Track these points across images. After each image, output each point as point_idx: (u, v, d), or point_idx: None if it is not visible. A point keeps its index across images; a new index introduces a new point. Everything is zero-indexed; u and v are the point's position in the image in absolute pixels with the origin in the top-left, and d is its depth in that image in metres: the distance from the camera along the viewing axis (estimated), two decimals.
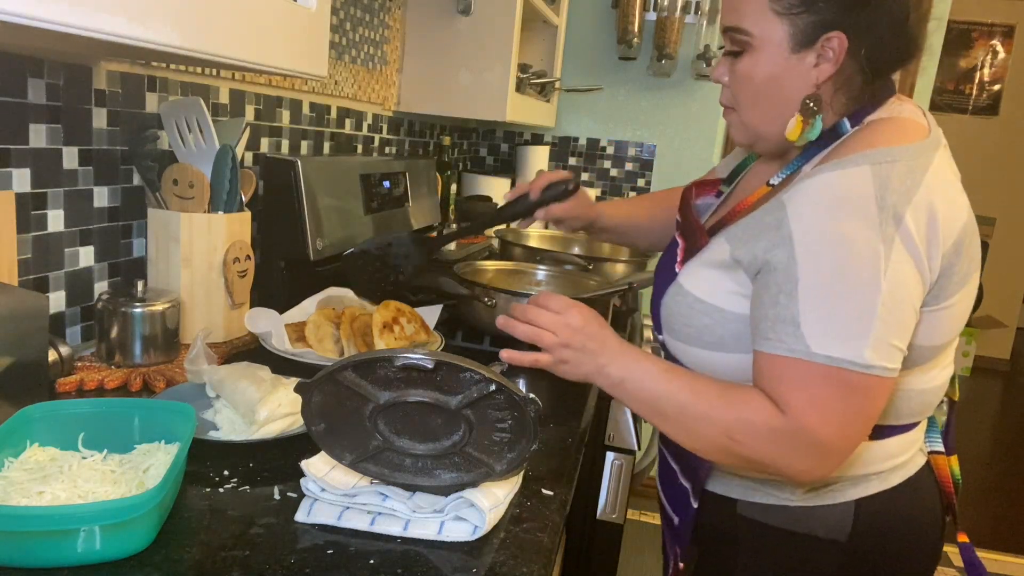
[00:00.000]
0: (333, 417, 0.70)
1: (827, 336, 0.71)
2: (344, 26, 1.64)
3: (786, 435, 0.72)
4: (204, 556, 0.61)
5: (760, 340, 0.75)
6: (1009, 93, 5.11)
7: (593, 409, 1.10)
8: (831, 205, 0.72)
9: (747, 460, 0.76)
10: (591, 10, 2.63)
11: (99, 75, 1.01)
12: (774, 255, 0.74)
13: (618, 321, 1.50)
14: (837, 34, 0.77)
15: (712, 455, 0.80)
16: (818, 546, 0.85)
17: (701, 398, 0.77)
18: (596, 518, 1.28)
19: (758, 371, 0.76)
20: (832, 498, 0.84)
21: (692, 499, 0.91)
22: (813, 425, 0.71)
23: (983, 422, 4.30)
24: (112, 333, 0.99)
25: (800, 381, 0.72)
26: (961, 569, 2.58)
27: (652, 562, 2.46)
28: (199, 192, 1.07)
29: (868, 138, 0.77)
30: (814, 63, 0.79)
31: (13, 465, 0.66)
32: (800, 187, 0.75)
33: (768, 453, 0.74)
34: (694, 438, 0.78)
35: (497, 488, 0.72)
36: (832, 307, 0.71)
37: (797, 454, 0.73)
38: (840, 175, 0.73)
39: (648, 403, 0.80)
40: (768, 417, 0.73)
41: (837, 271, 0.71)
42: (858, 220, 0.71)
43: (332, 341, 1.11)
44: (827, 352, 0.70)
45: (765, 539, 0.88)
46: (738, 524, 0.89)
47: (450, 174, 2.19)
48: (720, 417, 0.75)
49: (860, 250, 0.70)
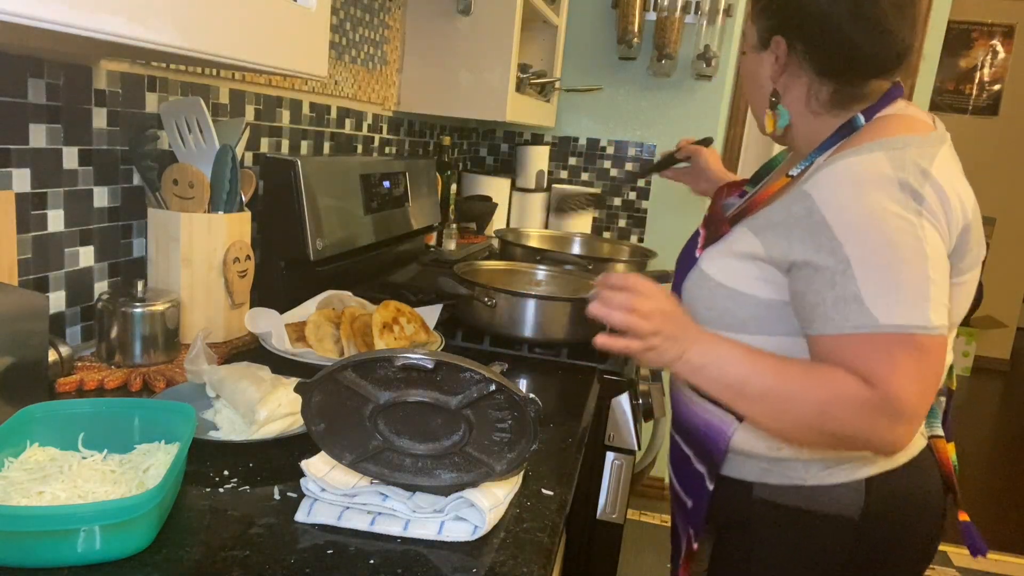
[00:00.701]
0: (333, 417, 0.70)
1: (893, 306, 0.75)
2: (344, 26, 1.64)
3: (877, 406, 0.75)
4: (204, 556, 0.61)
5: (821, 323, 0.79)
6: (1009, 93, 5.11)
7: (593, 409, 1.10)
8: (854, 185, 0.78)
9: (837, 436, 0.79)
10: (591, 10, 2.63)
11: (99, 75, 1.01)
12: (813, 243, 0.79)
13: None
14: (777, 37, 0.90)
15: (797, 434, 0.83)
16: (832, 524, 0.88)
17: (787, 378, 0.80)
18: (596, 518, 1.28)
19: (827, 353, 0.79)
20: (844, 476, 0.88)
21: (708, 482, 0.94)
22: (899, 392, 0.75)
23: (983, 422, 4.30)
24: (112, 333, 0.99)
25: (878, 353, 0.75)
26: (961, 569, 2.58)
27: (652, 562, 2.47)
28: (199, 192, 1.07)
29: (878, 129, 0.83)
30: (773, 60, 0.91)
31: (13, 465, 0.66)
32: (820, 175, 0.81)
33: (861, 426, 0.77)
34: (781, 418, 0.81)
35: (497, 488, 0.72)
36: (891, 278, 0.75)
37: (888, 423, 0.76)
38: (857, 160, 0.79)
39: (730, 387, 0.82)
40: (857, 391, 0.76)
41: (885, 244, 0.76)
42: (883, 196, 0.77)
43: (332, 341, 1.11)
44: (895, 321, 0.75)
45: (781, 520, 0.91)
46: (754, 506, 0.92)
47: (450, 174, 2.19)
48: (811, 396, 0.78)
49: (895, 222, 0.76)
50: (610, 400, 1.23)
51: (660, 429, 1.46)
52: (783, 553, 0.91)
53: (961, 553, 2.70)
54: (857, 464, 0.88)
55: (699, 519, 0.96)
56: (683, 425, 0.99)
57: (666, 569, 2.43)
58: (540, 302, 1.28)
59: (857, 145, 0.81)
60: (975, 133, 5.13)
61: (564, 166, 2.79)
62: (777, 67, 0.91)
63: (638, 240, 2.76)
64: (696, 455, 0.97)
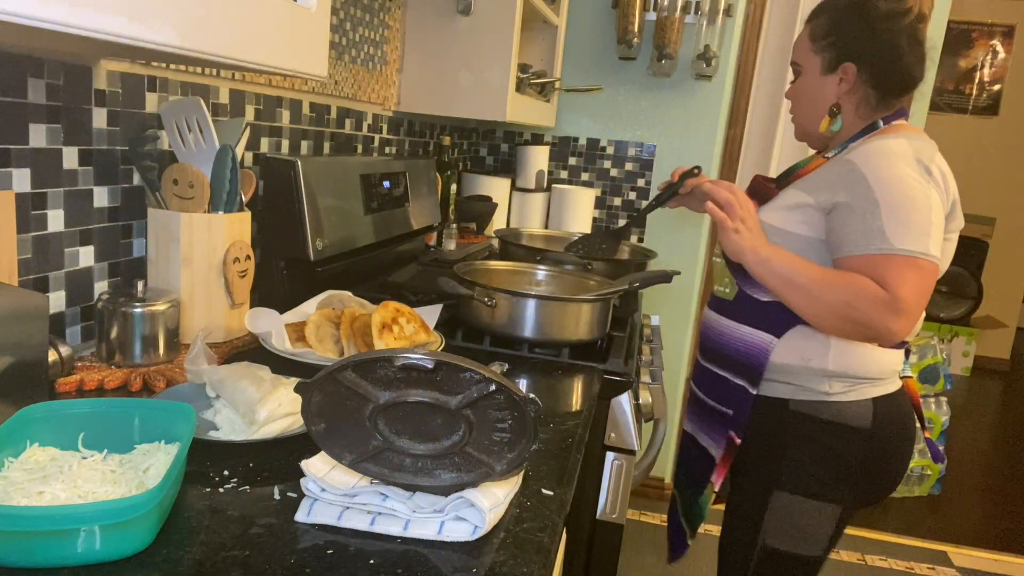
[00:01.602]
0: (333, 417, 0.70)
1: (905, 237, 1.06)
2: (344, 26, 1.64)
3: (888, 303, 1.06)
4: (204, 556, 0.61)
5: (852, 247, 1.10)
6: (1009, 93, 5.11)
7: (593, 409, 1.10)
8: (888, 157, 1.11)
9: (855, 322, 1.09)
10: (591, 10, 2.63)
11: (99, 75, 1.01)
12: (852, 191, 1.10)
13: (618, 321, 1.50)
14: (849, 64, 1.20)
15: (825, 317, 1.12)
16: (850, 433, 1.19)
17: (828, 275, 1.11)
18: (596, 518, 1.28)
19: (853, 267, 1.09)
20: (857, 395, 1.19)
21: (751, 389, 1.22)
22: (903, 295, 1.05)
23: (983, 422, 4.30)
24: (112, 333, 0.99)
25: (891, 267, 1.06)
26: (961, 569, 2.58)
27: (652, 562, 2.47)
28: (199, 192, 1.07)
29: (893, 130, 1.19)
30: (838, 82, 1.22)
31: (13, 465, 0.66)
32: (860, 150, 1.14)
33: (874, 316, 1.07)
34: (818, 304, 1.11)
35: (497, 488, 0.72)
36: (905, 218, 1.07)
37: (893, 316, 1.06)
38: (888, 142, 1.14)
39: (785, 276, 1.12)
40: (875, 291, 1.06)
41: (903, 195, 1.08)
42: (907, 166, 1.10)
43: (332, 341, 1.11)
44: (906, 247, 1.06)
45: (811, 428, 1.20)
46: (789, 418, 1.21)
47: (450, 174, 2.19)
48: (841, 290, 1.08)
49: (913, 184, 1.08)
50: (610, 400, 1.24)
51: (660, 429, 1.46)
52: (812, 455, 1.20)
53: (961, 553, 2.70)
54: (866, 386, 1.19)
55: (742, 420, 1.24)
56: (720, 352, 1.28)
57: (666, 569, 2.43)
58: (540, 302, 1.28)
59: (882, 136, 1.17)
60: (975, 133, 5.13)
61: (564, 166, 2.79)
62: (843, 86, 1.21)
63: (638, 240, 2.76)
64: (735, 373, 1.25)
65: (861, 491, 1.22)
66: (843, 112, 1.23)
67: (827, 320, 1.12)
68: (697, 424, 1.37)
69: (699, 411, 1.36)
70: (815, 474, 1.20)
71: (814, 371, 1.18)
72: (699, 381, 1.36)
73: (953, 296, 5.12)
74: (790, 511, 1.22)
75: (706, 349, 1.33)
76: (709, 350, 1.31)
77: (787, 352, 1.19)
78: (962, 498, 3.21)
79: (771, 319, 1.20)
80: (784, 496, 1.22)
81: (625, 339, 1.42)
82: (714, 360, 1.30)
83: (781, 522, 1.23)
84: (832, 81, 1.22)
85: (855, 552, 2.63)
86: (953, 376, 4.13)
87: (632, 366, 1.32)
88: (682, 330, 2.80)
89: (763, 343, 1.20)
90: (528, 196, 2.60)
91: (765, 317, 1.21)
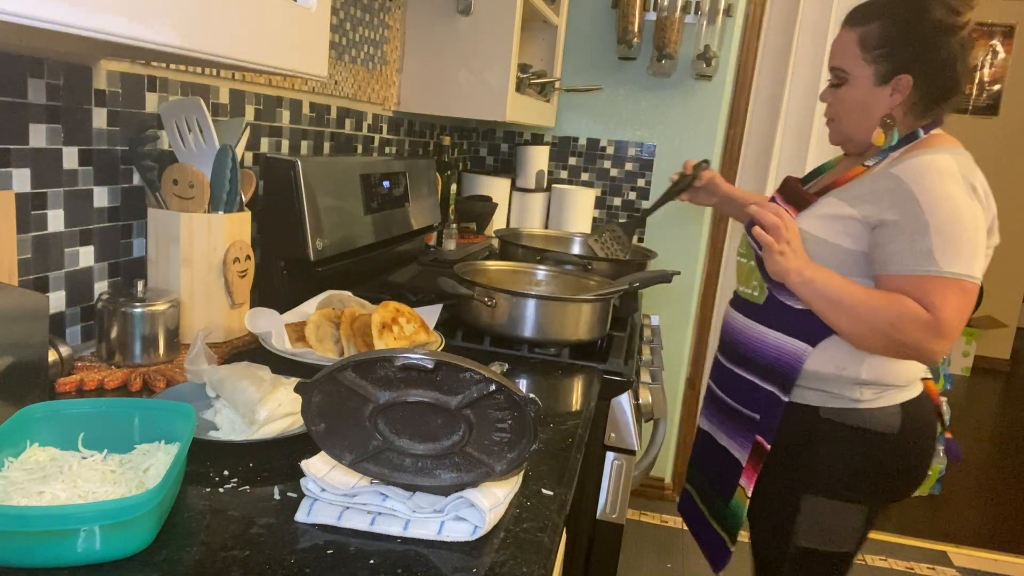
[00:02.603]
0: (333, 417, 0.70)
1: (953, 259, 1.07)
2: (344, 26, 1.64)
3: (932, 326, 1.08)
4: (204, 556, 0.61)
5: (899, 266, 1.10)
6: (1009, 93, 5.11)
7: (593, 409, 1.10)
8: (938, 175, 1.10)
9: (897, 343, 1.11)
10: (591, 10, 2.63)
11: (99, 75, 1.01)
12: (901, 209, 1.10)
13: (618, 321, 1.50)
14: (905, 76, 1.17)
15: (868, 338, 1.14)
16: (879, 438, 1.21)
17: (872, 296, 1.12)
18: (596, 518, 1.28)
19: (898, 286, 1.11)
20: (886, 401, 1.21)
21: (783, 396, 1.23)
22: (946, 318, 1.07)
23: (983, 422, 4.30)
24: (112, 333, 0.99)
25: (937, 290, 1.08)
26: (961, 569, 2.58)
27: (652, 562, 2.46)
28: (199, 192, 1.07)
29: (935, 142, 1.18)
30: (890, 93, 1.19)
31: (13, 465, 0.66)
32: (907, 165, 1.12)
33: (918, 337, 1.09)
34: (861, 324, 1.12)
35: (497, 488, 0.72)
36: (954, 240, 1.07)
37: (936, 339, 1.09)
38: (934, 157, 1.12)
39: (830, 297, 1.13)
40: (920, 313, 1.08)
41: (954, 217, 1.08)
42: (955, 185, 1.10)
43: (332, 341, 1.11)
44: (954, 270, 1.07)
45: (840, 434, 1.21)
46: (818, 424, 1.22)
47: (450, 174, 2.19)
48: (887, 312, 1.10)
49: (962, 204, 1.09)
50: (610, 400, 1.24)
51: (660, 429, 1.46)
52: (841, 459, 1.22)
53: (961, 553, 2.70)
54: (894, 392, 1.21)
55: (772, 426, 1.24)
56: (748, 356, 1.28)
57: (667, 569, 2.43)
58: (540, 302, 1.28)
59: (925, 148, 1.15)
60: (975, 133, 5.12)
61: (564, 166, 2.79)
62: (896, 98, 1.19)
63: (638, 240, 2.76)
64: (764, 378, 1.25)
65: (888, 490, 1.26)
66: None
67: (869, 340, 1.14)
68: (717, 425, 1.37)
69: (721, 412, 1.36)
70: (844, 477, 1.22)
71: (846, 379, 1.19)
72: (721, 382, 1.36)
73: None
74: (820, 513, 1.24)
75: (732, 351, 1.33)
76: (736, 353, 1.31)
77: (821, 361, 1.20)
78: (962, 498, 3.21)
79: (805, 327, 1.20)
80: (814, 499, 1.24)
81: (625, 339, 1.42)
82: (741, 363, 1.30)
83: (812, 523, 1.25)
84: (884, 92, 1.19)
85: None
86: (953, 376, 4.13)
87: (632, 366, 1.32)
88: (682, 330, 2.80)
89: (797, 351, 1.20)
90: (528, 196, 2.60)
91: (799, 325, 1.20)
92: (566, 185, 2.71)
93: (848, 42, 1.21)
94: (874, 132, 1.21)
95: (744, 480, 1.29)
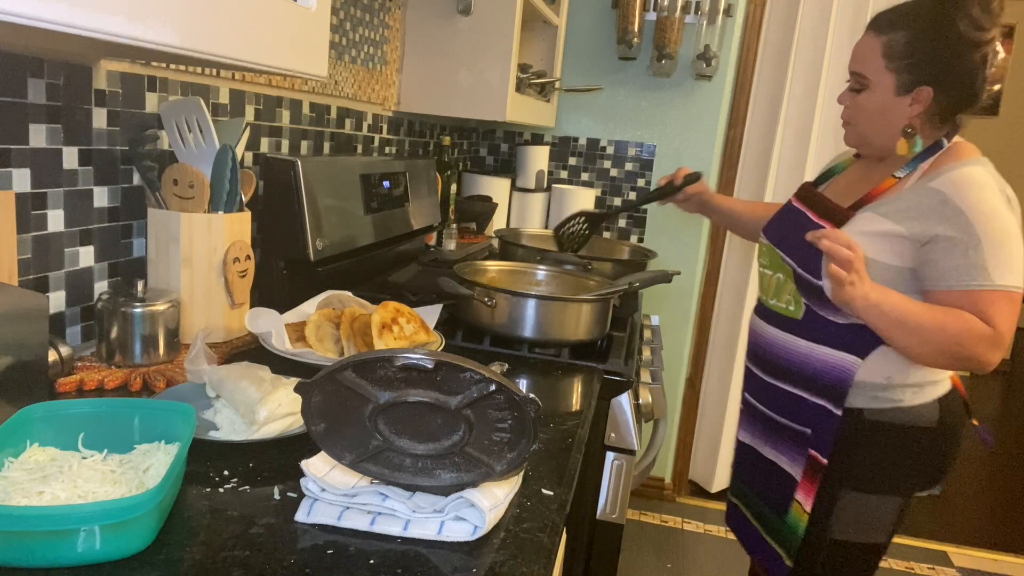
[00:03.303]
0: (333, 417, 0.70)
1: (1005, 272, 1.11)
2: (344, 26, 1.64)
3: (992, 339, 1.11)
4: (204, 556, 0.61)
5: (954, 281, 1.13)
6: (1009, 93, 5.12)
7: (593, 409, 1.10)
8: (980, 189, 1.13)
9: (959, 358, 1.13)
10: (591, 10, 2.63)
11: (99, 75, 1.01)
12: (952, 225, 1.12)
13: (618, 321, 1.50)
14: (927, 88, 1.18)
15: (932, 355, 1.15)
16: (919, 433, 1.24)
17: (936, 314, 1.13)
18: (596, 518, 1.28)
19: (954, 301, 1.13)
20: (923, 398, 1.24)
21: (834, 409, 1.24)
22: (1003, 329, 1.11)
23: (983, 422, 4.30)
24: (112, 333, 0.99)
25: (994, 303, 1.11)
26: (961, 569, 2.58)
27: (652, 562, 2.47)
28: (199, 192, 1.07)
29: (959, 152, 1.20)
30: (909, 103, 1.20)
31: (13, 465, 0.66)
32: (946, 179, 1.14)
33: (979, 351, 1.12)
34: (925, 343, 1.13)
35: (497, 488, 0.72)
36: (1005, 254, 1.11)
37: (995, 350, 1.12)
38: (968, 171, 1.15)
39: (895, 320, 1.13)
40: (982, 328, 1.11)
41: (1002, 231, 1.11)
42: (994, 197, 1.13)
43: (332, 341, 1.11)
44: (1006, 282, 1.11)
45: (883, 434, 1.24)
46: (864, 426, 1.24)
47: (450, 174, 2.19)
48: (951, 329, 1.11)
49: (1007, 217, 1.12)
50: (610, 400, 1.24)
51: (660, 429, 1.46)
52: (883, 457, 1.25)
53: (961, 553, 2.70)
54: (929, 388, 1.24)
55: (827, 438, 1.25)
56: (793, 371, 1.29)
57: (667, 569, 2.43)
58: (540, 302, 1.28)
59: (954, 160, 1.17)
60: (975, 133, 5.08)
61: (564, 166, 2.79)
62: (915, 108, 1.20)
63: (638, 240, 2.76)
64: (813, 392, 1.26)
65: (924, 480, 1.28)
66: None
67: (931, 356, 1.16)
68: (763, 439, 1.38)
69: (766, 427, 1.37)
70: (883, 472, 1.26)
71: (894, 386, 1.23)
72: (762, 396, 1.37)
73: None
74: (859, 507, 1.27)
75: (771, 366, 1.33)
76: (777, 367, 1.32)
77: (870, 372, 1.22)
78: (962, 498, 3.21)
79: (854, 341, 1.21)
80: (853, 494, 1.27)
81: (625, 339, 1.42)
82: (783, 378, 1.31)
83: (850, 517, 1.27)
84: (904, 102, 1.20)
85: None
86: None
87: (632, 366, 1.32)
88: (682, 330, 2.80)
89: (847, 364, 1.22)
90: (528, 196, 2.60)
91: (846, 339, 1.22)
92: (566, 185, 2.72)
93: (872, 49, 1.21)
94: (897, 142, 1.22)
95: (801, 495, 1.29)
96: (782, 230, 1.34)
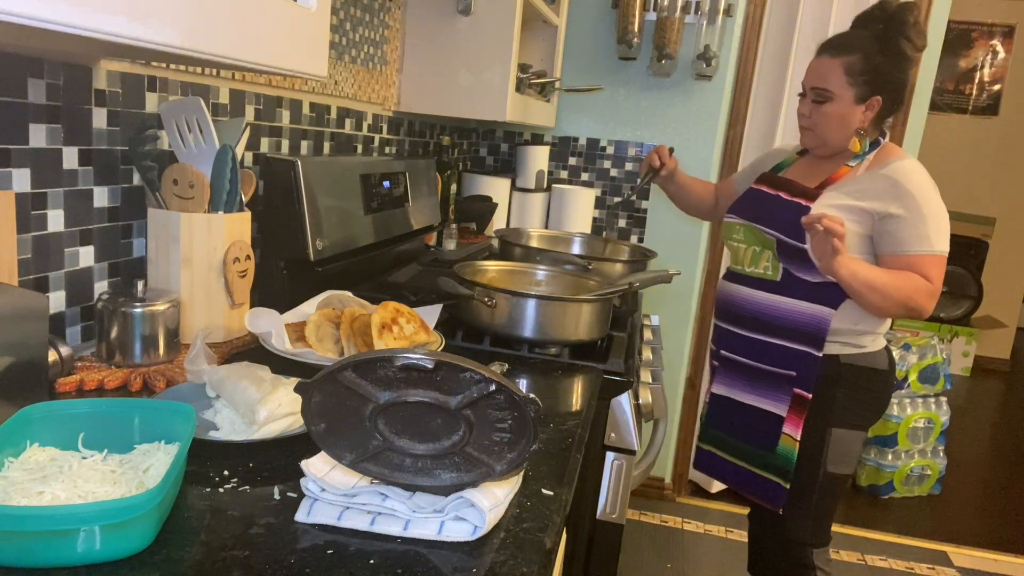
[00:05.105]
0: (333, 417, 0.70)
1: (939, 240, 1.43)
2: (344, 26, 1.64)
3: (932, 292, 1.43)
4: (204, 556, 0.61)
5: (906, 247, 1.43)
6: (1009, 93, 5.11)
7: (593, 409, 1.10)
8: (921, 176, 1.45)
9: (910, 308, 1.43)
10: (591, 10, 2.63)
11: (99, 75, 1.01)
12: (903, 204, 1.43)
13: (618, 321, 1.50)
14: (877, 97, 1.49)
15: (888, 308, 1.45)
16: (876, 374, 1.55)
17: (893, 277, 1.42)
18: (596, 518, 1.28)
19: (904, 263, 1.43)
20: (877, 345, 1.56)
21: (817, 352, 1.51)
22: (937, 284, 1.43)
23: (983, 422, 4.30)
24: (112, 333, 0.99)
25: (933, 264, 1.43)
26: (961, 569, 2.58)
27: (652, 562, 2.47)
28: (199, 192, 1.07)
29: (892, 148, 1.54)
30: (864, 110, 1.50)
31: (13, 465, 0.66)
32: (894, 168, 1.46)
33: (925, 302, 1.43)
34: (888, 300, 1.42)
35: (497, 488, 0.72)
36: (941, 226, 1.44)
37: (932, 300, 1.43)
38: (911, 162, 1.48)
39: (865, 283, 1.41)
40: (926, 284, 1.42)
41: (938, 209, 1.44)
42: (931, 184, 1.45)
43: (332, 341, 1.11)
44: (941, 248, 1.43)
45: (855, 376, 1.53)
46: (840, 370, 1.53)
47: (450, 174, 2.19)
48: (905, 287, 1.42)
49: (939, 198, 1.45)
50: (610, 400, 1.24)
51: (660, 429, 1.46)
52: (856, 396, 1.54)
53: (961, 553, 2.70)
54: (879, 338, 1.56)
55: (810, 379, 1.52)
56: (776, 324, 1.55)
57: (666, 569, 2.43)
58: (540, 302, 1.28)
59: (894, 155, 1.50)
60: (975, 133, 5.13)
61: (564, 166, 2.79)
62: (868, 114, 1.50)
63: (638, 240, 2.76)
64: (796, 341, 1.53)
65: (877, 416, 1.60)
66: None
67: (889, 309, 1.46)
68: (743, 387, 1.62)
69: (746, 376, 1.61)
70: (857, 410, 1.55)
71: (859, 331, 1.52)
72: (744, 350, 1.61)
73: (953, 296, 5.12)
74: (844, 442, 1.55)
75: (752, 322, 1.58)
76: (758, 323, 1.57)
77: (842, 319, 1.50)
78: (962, 498, 3.21)
79: (827, 295, 1.48)
80: (839, 431, 1.54)
81: (625, 339, 1.42)
82: (766, 331, 1.57)
83: (838, 452, 1.55)
84: (859, 109, 1.49)
85: (855, 552, 2.63)
86: (953, 376, 4.13)
87: (632, 366, 1.32)
88: (682, 330, 2.80)
89: (823, 314, 1.49)
90: (528, 196, 2.60)
91: (821, 294, 1.49)
92: (566, 185, 2.71)
93: (832, 68, 1.49)
94: (851, 141, 1.52)
95: (790, 428, 1.54)
96: (755, 210, 1.60)
